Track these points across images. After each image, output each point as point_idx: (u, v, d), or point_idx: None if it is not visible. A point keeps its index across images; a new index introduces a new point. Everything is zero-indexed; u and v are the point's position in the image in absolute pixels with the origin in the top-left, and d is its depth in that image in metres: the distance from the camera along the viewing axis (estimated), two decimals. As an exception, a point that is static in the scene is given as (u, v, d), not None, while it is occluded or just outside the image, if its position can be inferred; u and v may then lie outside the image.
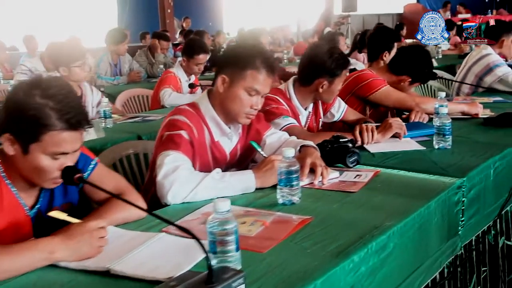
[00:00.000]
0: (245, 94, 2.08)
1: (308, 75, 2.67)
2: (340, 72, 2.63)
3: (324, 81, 2.63)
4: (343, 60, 2.65)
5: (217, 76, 2.14)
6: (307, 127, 2.82)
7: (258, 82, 2.08)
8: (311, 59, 2.69)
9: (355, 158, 2.17)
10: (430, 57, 3.25)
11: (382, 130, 2.56)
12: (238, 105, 2.10)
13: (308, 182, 2.00)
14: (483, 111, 3.21)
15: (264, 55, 2.10)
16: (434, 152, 2.40)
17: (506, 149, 2.39)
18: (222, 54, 2.18)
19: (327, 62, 2.62)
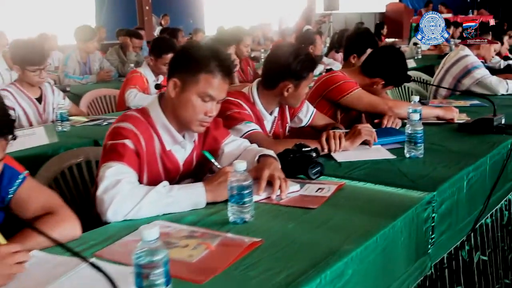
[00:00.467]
0: (198, 100, 1.91)
1: (272, 78, 2.49)
2: (306, 74, 2.46)
3: (289, 85, 2.46)
4: (310, 62, 2.49)
5: (169, 79, 1.96)
6: (272, 133, 2.65)
7: (213, 87, 1.91)
8: (275, 60, 2.52)
9: (318, 169, 2.00)
10: (404, 58, 3.10)
11: (351, 137, 2.40)
12: (191, 112, 1.92)
13: (265, 196, 1.83)
14: (459, 116, 3.07)
15: (219, 58, 1.92)
16: (404, 162, 2.24)
17: (480, 159, 2.25)
18: (174, 55, 1.99)
19: (292, 64, 2.45)
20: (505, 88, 3.91)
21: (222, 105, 2.47)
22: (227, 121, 2.40)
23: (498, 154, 2.42)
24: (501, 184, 2.45)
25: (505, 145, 2.52)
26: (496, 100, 3.66)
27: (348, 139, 2.37)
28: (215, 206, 1.76)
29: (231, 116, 2.42)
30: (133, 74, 4.25)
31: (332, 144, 2.33)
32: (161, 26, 12.29)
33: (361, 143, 2.44)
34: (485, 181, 2.29)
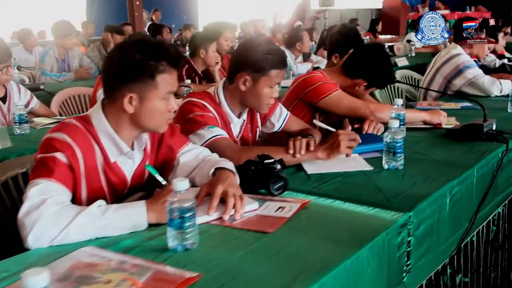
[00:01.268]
0: (162, 103, 1.72)
1: (231, 70, 2.27)
2: (266, 69, 2.19)
3: (245, 76, 2.21)
4: (275, 58, 2.21)
5: (117, 93, 1.72)
6: (240, 137, 2.41)
7: (170, 83, 1.72)
8: (237, 51, 2.31)
9: (281, 184, 1.77)
10: (389, 58, 2.86)
11: (328, 148, 2.11)
12: (159, 117, 1.75)
13: (216, 216, 1.60)
14: (448, 120, 2.84)
15: (165, 51, 1.71)
16: (382, 175, 2.01)
17: (466, 171, 2.02)
18: (115, 69, 1.73)
19: (251, 55, 2.22)
20: (499, 89, 3.68)
21: (184, 107, 2.25)
22: (189, 125, 2.18)
23: (487, 165, 2.20)
24: (490, 197, 2.23)
25: (495, 154, 2.30)
26: (488, 102, 3.44)
27: (324, 150, 2.11)
28: (158, 228, 1.53)
29: (193, 120, 2.19)
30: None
31: (298, 144, 2.10)
32: (152, 22, 12.05)
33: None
34: (472, 196, 2.07)
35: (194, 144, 2.16)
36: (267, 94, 2.24)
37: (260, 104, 2.27)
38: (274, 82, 2.23)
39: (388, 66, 2.82)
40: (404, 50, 7.38)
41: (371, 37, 10.57)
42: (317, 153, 2.10)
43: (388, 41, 10.41)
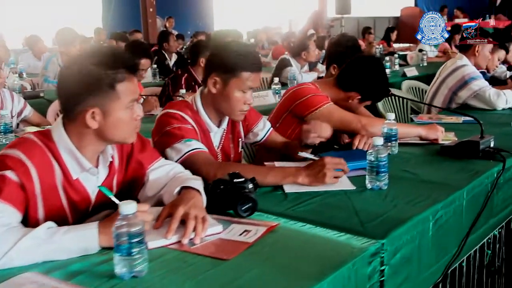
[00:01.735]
0: (126, 113, 1.64)
1: (205, 72, 2.20)
2: (236, 70, 2.08)
3: (215, 77, 2.12)
4: (246, 60, 2.10)
5: (78, 109, 1.63)
6: (220, 147, 2.31)
7: (132, 91, 1.64)
8: (209, 53, 2.25)
9: (250, 205, 1.66)
10: (384, 71, 2.74)
11: (312, 176, 1.97)
12: (125, 128, 1.67)
13: (175, 240, 1.50)
14: (446, 135, 2.70)
15: (121, 58, 1.63)
16: (363, 195, 1.89)
17: (454, 193, 1.89)
18: (71, 83, 1.64)
19: (221, 55, 2.14)
20: (504, 101, 3.53)
21: (161, 119, 2.16)
22: (166, 138, 2.09)
23: (480, 186, 2.06)
24: (483, 220, 2.10)
25: (490, 174, 2.16)
26: (493, 117, 3.32)
27: (307, 177, 1.98)
28: (110, 252, 1.42)
29: (169, 133, 2.10)
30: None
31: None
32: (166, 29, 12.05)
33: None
34: (461, 219, 1.93)
35: (171, 158, 2.07)
36: (239, 99, 2.13)
37: (232, 110, 2.16)
38: (246, 86, 2.12)
39: (383, 79, 2.69)
40: (416, 60, 7.22)
41: (385, 45, 10.43)
42: (299, 178, 1.97)
43: (401, 50, 10.23)
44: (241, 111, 2.18)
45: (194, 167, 2.02)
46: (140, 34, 8.39)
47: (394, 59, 6.50)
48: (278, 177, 1.99)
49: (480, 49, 3.75)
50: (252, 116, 2.44)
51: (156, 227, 1.55)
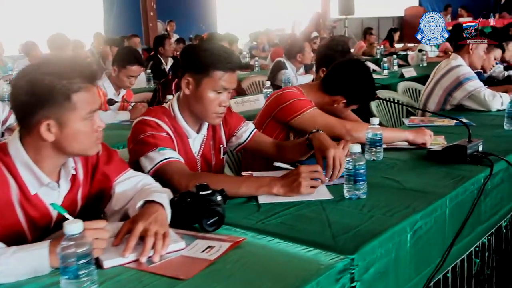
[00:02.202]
0: (86, 124, 1.56)
1: (179, 75, 2.13)
2: (208, 68, 2.01)
3: (188, 77, 2.05)
4: (220, 58, 2.02)
5: (32, 121, 1.56)
6: (201, 154, 2.24)
7: (91, 101, 1.56)
8: (182, 54, 2.22)
9: (215, 219, 1.58)
10: (369, 74, 2.65)
11: (287, 186, 1.88)
12: (84, 139, 1.58)
13: (132, 258, 1.42)
14: (435, 139, 2.62)
15: (79, 67, 1.55)
16: (339, 205, 1.80)
17: (436, 202, 1.80)
18: (26, 93, 1.56)
19: (195, 54, 2.08)
20: (500, 102, 3.43)
21: (136, 127, 2.09)
22: (140, 146, 2.03)
23: (465, 192, 1.97)
24: (470, 228, 2.01)
25: (477, 179, 2.07)
26: (486, 118, 3.24)
27: (282, 187, 1.89)
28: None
29: (143, 141, 2.03)
30: (89, 87, 3.87)
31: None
32: (166, 33, 12.00)
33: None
34: (444, 228, 1.85)
35: (144, 167, 2.00)
36: (212, 100, 2.06)
37: (206, 112, 2.08)
38: (219, 86, 2.04)
39: (369, 82, 2.61)
40: (417, 60, 7.12)
41: (387, 46, 10.34)
42: (273, 189, 1.89)
43: (403, 50, 10.12)
44: (216, 113, 2.10)
45: (166, 178, 1.95)
46: (138, 39, 8.33)
47: (393, 59, 6.40)
48: (252, 187, 1.91)
49: (474, 48, 3.65)
50: (234, 120, 2.36)
51: (114, 244, 1.48)
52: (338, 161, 1.96)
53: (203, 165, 2.28)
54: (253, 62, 6.99)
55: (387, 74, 5.93)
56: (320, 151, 2.03)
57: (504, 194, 2.32)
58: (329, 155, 1.98)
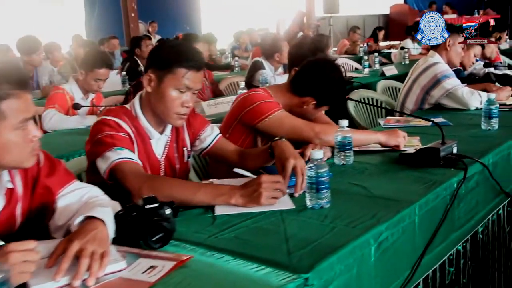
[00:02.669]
0: (17, 134, 1.43)
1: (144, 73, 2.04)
2: (171, 64, 1.91)
3: (151, 74, 1.96)
4: (183, 55, 1.93)
5: None
6: (165, 157, 2.11)
7: (23, 109, 1.43)
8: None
9: (161, 235, 1.45)
10: (340, 74, 2.53)
11: (247, 196, 1.75)
12: (17, 151, 1.45)
13: (65, 282, 1.29)
14: (409, 141, 2.50)
15: (8, 75, 1.41)
16: (300, 216, 1.68)
17: (404, 210, 1.68)
18: None
19: (158, 50, 2.01)
20: (479, 100, 3.32)
21: (95, 127, 1.97)
22: (97, 146, 1.91)
23: (436, 199, 1.86)
24: (443, 236, 1.90)
25: (449, 184, 1.96)
26: (464, 117, 3.14)
27: (242, 197, 1.76)
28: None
29: (101, 141, 1.90)
30: (55, 91, 3.73)
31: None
32: (148, 34, 11.84)
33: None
34: (414, 238, 1.73)
35: (100, 168, 1.89)
36: (174, 99, 1.95)
37: (167, 111, 1.97)
38: (182, 85, 1.93)
39: (339, 82, 2.49)
40: (400, 58, 7.02)
41: (371, 44, 10.25)
42: (232, 199, 1.76)
43: (388, 48, 10.04)
44: (177, 114, 1.99)
45: (120, 178, 1.84)
46: (117, 40, 8.17)
47: (374, 58, 6.29)
48: (209, 195, 1.78)
49: (451, 44, 3.55)
50: (199, 122, 2.24)
51: (48, 266, 1.34)
52: (299, 171, 1.83)
53: (167, 168, 2.15)
54: (234, 62, 6.85)
55: (368, 72, 5.82)
56: (280, 160, 1.91)
57: (480, 198, 2.21)
58: (288, 166, 1.86)
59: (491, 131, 2.75)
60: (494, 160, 2.33)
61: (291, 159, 1.87)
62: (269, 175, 1.81)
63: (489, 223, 2.35)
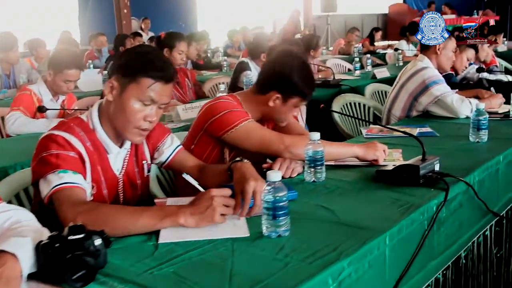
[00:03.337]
0: None
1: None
2: (135, 73, 1.72)
3: (113, 81, 1.76)
4: (150, 64, 1.72)
5: None
6: (123, 173, 1.92)
7: None
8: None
9: (83, 273, 1.25)
10: (300, 59, 2.27)
11: (197, 214, 1.56)
12: None
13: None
14: (389, 154, 2.31)
15: None
16: (253, 247, 1.47)
17: (372, 241, 1.48)
18: None
19: (124, 56, 1.81)
20: (469, 108, 3.12)
21: (41, 143, 1.76)
22: (40, 166, 1.71)
23: (411, 225, 1.66)
24: (419, 265, 1.71)
25: (428, 207, 1.76)
26: (451, 128, 2.94)
27: (191, 215, 1.56)
28: None
29: (44, 160, 1.70)
30: (22, 92, 3.52)
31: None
32: (142, 31, 11.63)
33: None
34: (384, 271, 1.53)
35: (42, 192, 1.70)
36: (136, 111, 1.75)
37: (127, 124, 1.77)
38: (146, 97, 1.73)
39: (303, 68, 2.24)
40: (393, 59, 6.81)
41: (367, 44, 10.05)
42: (180, 219, 1.56)
43: (383, 48, 9.84)
44: (137, 128, 1.79)
45: (56, 207, 1.64)
46: (105, 37, 7.92)
47: (367, 59, 6.08)
48: (154, 219, 1.57)
49: (441, 48, 3.34)
50: (158, 132, 2.03)
51: None
52: (259, 197, 1.63)
53: (127, 185, 1.96)
54: (223, 62, 6.64)
55: (358, 74, 5.60)
56: (239, 184, 1.70)
57: (464, 220, 2.01)
58: (248, 190, 1.65)
59: (479, 143, 2.55)
60: (481, 178, 2.13)
61: (251, 181, 1.66)
62: (218, 189, 1.61)
63: (474, 246, 2.15)
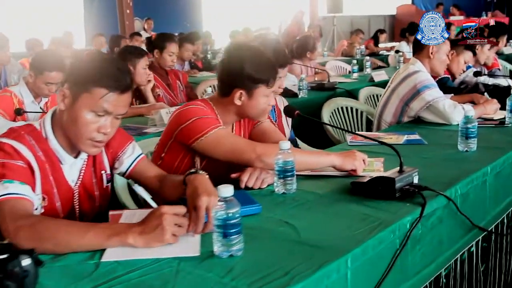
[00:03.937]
0: None
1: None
2: (88, 83, 1.62)
3: (66, 89, 1.67)
4: (103, 74, 1.63)
5: None
6: (79, 184, 1.82)
7: None
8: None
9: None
10: (253, 48, 2.17)
11: (147, 233, 1.45)
12: None
13: None
14: (370, 164, 2.18)
15: None
16: (200, 268, 1.35)
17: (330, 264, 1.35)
18: None
19: (78, 64, 1.72)
20: (462, 114, 2.95)
21: None
22: None
23: (379, 245, 1.53)
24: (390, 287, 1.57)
25: (401, 224, 1.63)
26: (440, 135, 2.80)
27: (141, 235, 1.44)
28: None
29: None
30: (2, 93, 3.43)
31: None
32: (145, 31, 11.57)
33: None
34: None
35: None
36: (89, 122, 1.65)
37: (79, 135, 1.67)
38: (99, 107, 1.63)
39: (250, 56, 2.11)
40: (393, 61, 6.66)
41: (371, 45, 9.91)
42: (129, 238, 1.44)
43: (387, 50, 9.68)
44: (91, 139, 1.68)
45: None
46: (104, 38, 7.84)
47: (365, 61, 5.93)
48: (101, 237, 1.46)
49: (434, 51, 3.21)
50: (118, 140, 1.91)
51: None
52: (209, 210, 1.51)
53: (83, 197, 1.85)
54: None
55: (356, 77, 5.47)
56: (192, 199, 1.58)
57: (444, 236, 1.88)
58: (200, 206, 1.53)
59: (468, 152, 2.41)
60: (464, 191, 1.99)
61: (203, 197, 1.54)
62: (170, 206, 1.49)
63: (457, 264, 2.01)
